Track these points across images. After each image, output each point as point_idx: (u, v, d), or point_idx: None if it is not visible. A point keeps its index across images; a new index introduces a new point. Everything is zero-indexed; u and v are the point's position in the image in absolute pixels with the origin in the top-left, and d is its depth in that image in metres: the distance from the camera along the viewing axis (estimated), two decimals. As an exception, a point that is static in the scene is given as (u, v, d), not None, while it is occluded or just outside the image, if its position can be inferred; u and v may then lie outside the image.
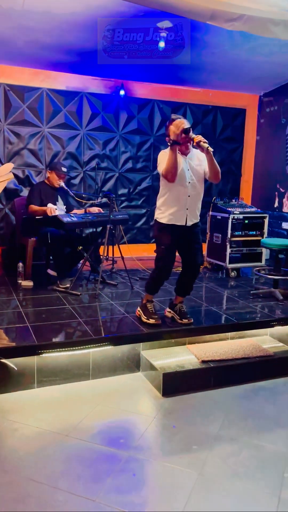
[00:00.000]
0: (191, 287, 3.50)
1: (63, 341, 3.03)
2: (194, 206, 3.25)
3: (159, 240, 3.27)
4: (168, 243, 3.22)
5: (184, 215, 3.20)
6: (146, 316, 3.37)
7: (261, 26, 3.25)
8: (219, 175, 3.21)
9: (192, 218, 3.25)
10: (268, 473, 2.19)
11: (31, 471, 2.14)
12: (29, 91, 5.34)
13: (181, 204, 3.18)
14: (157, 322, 3.33)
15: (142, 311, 3.43)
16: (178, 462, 2.25)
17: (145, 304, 3.43)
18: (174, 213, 3.18)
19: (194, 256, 3.34)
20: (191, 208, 3.22)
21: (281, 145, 6.17)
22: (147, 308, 3.41)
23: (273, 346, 3.50)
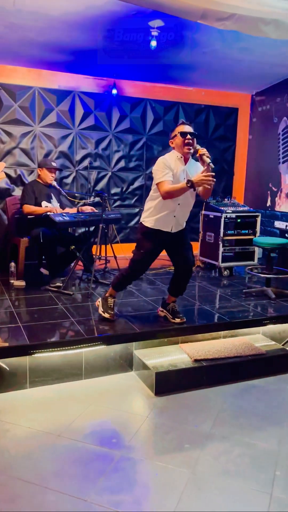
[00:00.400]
0: (184, 288, 3.50)
1: (55, 341, 3.03)
2: (182, 215, 3.23)
3: (140, 244, 3.25)
4: (149, 250, 3.22)
5: (171, 222, 3.18)
6: (103, 309, 3.42)
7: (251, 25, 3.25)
8: (210, 192, 3.16)
9: (178, 226, 3.24)
10: (260, 471, 2.20)
11: (22, 471, 2.13)
12: (21, 90, 5.32)
13: (170, 211, 3.14)
14: (111, 317, 3.38)
15: (101, 303, 3.46)
16: (171, 461, 2.25)
17: (106, 297, 3.46)
18: (161, 219, 3.15)
19: (185, 257, 3.32)
20: (179, 216, 3.20)
21: (273, 144, 6.19)
22: (107, 301, 3.44)
23: (265, 344, 3.51)
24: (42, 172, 4.53)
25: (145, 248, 3.22)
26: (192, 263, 3.39)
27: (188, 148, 3.07)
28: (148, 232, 3.20)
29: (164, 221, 3.17)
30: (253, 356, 3.25)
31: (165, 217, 3.15)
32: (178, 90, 6.18)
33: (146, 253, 3.23)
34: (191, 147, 3.07)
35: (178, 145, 3.09)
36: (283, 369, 3.34)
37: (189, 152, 3.10)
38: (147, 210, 3.23)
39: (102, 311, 3.42)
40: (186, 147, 3.06)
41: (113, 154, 5.95)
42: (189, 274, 3.40)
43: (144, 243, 3.22)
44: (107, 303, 3.43)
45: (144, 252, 3.23)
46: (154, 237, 3.20)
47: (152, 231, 3.18)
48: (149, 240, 3.21)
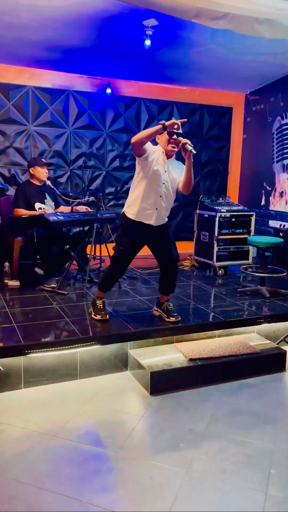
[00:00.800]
0: (173, 284, 3.49)
1: (50, 341, 3.01)
2: (164, 208, 3.23)
3: (120, 241, 3.26)
4: (128, 247, 3.23)
5: (153, 214, 3.18)
6: (94, 312, 3.44)
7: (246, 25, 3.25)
8: (191, 185, 3.20)
9: (160, 219, 3.24)
10: (255, 469, 2.20)
11: (17, 472, 2.12)
12: (14, 89, 5.29)
13: (152, 203, 3.16)
14: (104, 317, 3.39)
15: (92, 307, 3.49)
16: (166, 461, 2.25)
17: (94, 301, 3.49)
18: (143, 211, 3.16)
19: (168, 253, 3.32)
20: (161, 209, 3.20)
21: (268, 143, 6.21)
22: (96, 304, 3.46)
23: (260, 343, 3.52)
24: (35, 170, 4.49)
25: (125, 245, 3.23)
26: (176, 259, 3.37)
27: (173, 146, 3.11)
28: (129, 227, 3.20)
29: (146, 213, 3.17)
30: (248, 355, 3.26)
31: (147, 209, 3.16)
32: (173, 90, 6.18)
33: (126, 249, 3.24)
34: (175, 146, 3.11)
35: (163, 142, 3.12)
36: (278, 368, 3.35)
37: (173, 150, 3.13)
38: (129, 201, 3.23)
39: (94, 314, 3.43)
40: (170, 145, 3.10)
41: (107, 153, 5.94)
42: (174, 270, 3.40)
43: (124, 240, 3.23)
44: (96, 306, 3.45)
45: (123, 250, 3.24)
46: (134, 231, 3.21)
47: (134, 223, 3.18)
48: (129, 236, 3.22)
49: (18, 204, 4.36)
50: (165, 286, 3.48)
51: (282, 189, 5.97)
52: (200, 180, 6.56)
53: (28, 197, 4.41)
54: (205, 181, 6.61)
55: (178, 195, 3.35)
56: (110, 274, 3.38)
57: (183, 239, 6.41)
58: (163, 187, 3.16)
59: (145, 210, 3.16)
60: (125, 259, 3.30)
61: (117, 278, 3.51)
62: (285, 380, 3.24)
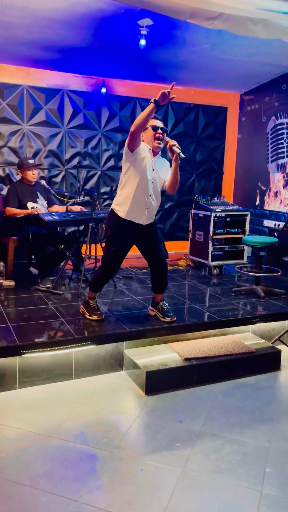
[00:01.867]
0: (165, 282, 3.50)
1: (45, 341, 3.01)
2: (153, 207, 3.24)
3: (111, 242, 3.24)
4: (119, 247, 3.22)
5: (143, 213, 3.19)
6: (89, 313, 3.42)
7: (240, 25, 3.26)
8: (177, 186, 3.22)
9: (149, 219, 3.25)
10: (250, 468, 2.21)
11: (12, 472, 2.12)
12: (8, 88, 5.27)
13: (142, 202, 3.16)
14: (100, 317, 3.39)
15: (85, 308, 3.47)
16: (161, 460, 2.25)
17: (87, 301, 3.47)
18: (133, 210, 3.15)
19: (158, 252, 3.33)
20: (150, 208, 3.21)
21: (262, 143, 6.23)
22: (89, 305, 3.45)
23: (255, 342, 3.53)
24: (24, 173, 4.48)
25: (116, 246, 3.22)
26: (165, 257, 3.39)
27: (158, 142, 3.11)
28: (119, 226, 3.19)
29: (136, 213, 3.17)
30: (243, 354, 3.27)
31: (138, 209, 3.16)
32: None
33: (117, 250, 3.23)
34: (161, 141, 3.11)
35: (149, 138, 3.12)
36: (273, 367, 3.36)
37: (159, 146, 3.13)
38: (119, 199, 3.21)
39: (89, 315, 3.42)
40: (156, 141, 3.10)
41: (102, 153, 5.94)
42: (164, 267, 3.41)
43: (115, 241, 3.22)
44: (90, 306, 3.44)
45: (114, 251, 3.23)
46: (124, 231, 3.21)
47: (124, 223, 3.17)
48: (119, 236, 3.21)
49: (9, 203, 4.35)
50: (157, 284, 3.49)
51: (276, 188, 5.99)
52: (195, 179, 6.57)
53: (20, 197, 4.39)
54: (200, 180, 6.62)
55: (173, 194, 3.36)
56: (102, 275, 3.37)
57: (178, 239, 6.43)
58: (151, 186, 3.16)
59: (135, 210, 3.16)
60: (116, 259, 3.28)
61: (109, 278, 3.51)
62: (280, 379, 3.25)
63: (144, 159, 3.09)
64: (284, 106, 5.79)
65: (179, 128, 6.26)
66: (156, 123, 3.11)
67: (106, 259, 3.29)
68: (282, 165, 5.86)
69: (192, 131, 6.42)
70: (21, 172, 4.49)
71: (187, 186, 6.48)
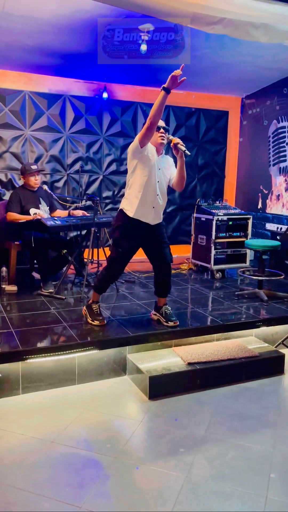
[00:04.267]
0: (169, 286, 3.50)
1: (48, 346, 3.01)
2: (160, 206, 3.26)
3: (118, 242, 3.24)
4: (127, 248, 3.22)
5: (150, 213, 3.20)
6: (91, 318, 3.40)
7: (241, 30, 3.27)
8: (184, 183, 3.25)
9: (156, 218, 3.27)
10: (255, 474, 2.20)
11: (16, 479, 2.11)
12: (11, 94, 5.29)
13: (150, 201, 3.18)
14: (102, 323, 3.37)
15: (88, 312, 3.44)
16: (165, 466, 2.24)
17: (90, 305, 3.45)
18: (141, 209, 3.17)
19: (163, 255, 3.34)
20: (157, 208, 3.24)
21: (264, 146, 6.23)
22: (92, 309, 3.43)
23: (258, 346, 3.52)
24: (26, 178, 4.49)
25: (124, 246, 3.22)
26: (170, 261, 3.40)
27: (162, 138, 3.14)
28: (127, 226, 3.20)
29: (144, 212, 3.18)
30: (246, 359, 3.26)
31: (145, 208, 3.18)
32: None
33: (124, 251, 3.23)
34: (164, 138, 3.15)
35: (152, 138, 3.12)
36: (277, 371, 3.34)
37: (162, 142, 3.16)
38: (127, 199, 3.22)
39: (91, 320, 3.40)
40: (159, 138, 3.13)
41: (104, 157, 5.95)
42: (168, 271, 3.42)
43: (122, 242, 3.22)
44: (93, 310, 3.43)
45: (121, 251, 3.23)
46: (132, 231, 3.21)
47: (132, 222, 3.18)
48: (128, 236, 3.21)
49: (11, 208, 4.35)
50: (161, 288, 3.49)
51: (278, 192, 5.99)
52: (197, 183, 6.57)
53: (23, 203, 4.40)
54: (202, 184, 6.62)
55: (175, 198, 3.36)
56: (107, 276, 3.37)
57: (181, 243, 6.43)
58: (157, 185, 3.18)
59: (143, 209, 3.18)
60: (122, 260, 3.28)
61: (113, 279, 3.50)
62: (284, 383, 3.24)
63: (151, 158, 3.12)
64: (286, 109, 5.79)
65: (180, 132, 6.27)
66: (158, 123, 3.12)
67: (112, 259, 3.28)
68: (284, 168, 5.86)
69: (194, 135, 6.43)
70: (24, 178, 4.51)
71: (189, 190, 6.48)
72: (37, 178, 4.50)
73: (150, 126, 2.93)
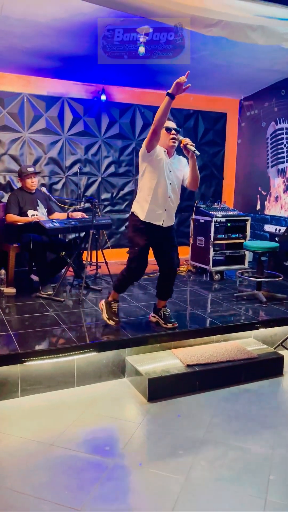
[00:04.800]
0: (171, 290, 3.50)
1: (46, 349, 3.00)
2: (172, 208, 3.27)
3: (133, 241, 3.24)
4: (143, 245, 3.21)
5: (162, 215, 3.21)
6: (107, 315, 3.40)
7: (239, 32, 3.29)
8: (198, 181, 3.25)
9: (169, 220, 3.28)
10: (254, 476, 2.20)
11: (15, 482, 2.10)
12: (9, 97, 5.30)
13: (161, 204, 3.18)
14: (116, 325, 3.36)
15: (106, 308, 3.43)
16: (165, 468, 2.24)
17: (110, 302, 3.43)
18: (153, 211, 3.18)
19: (171, 260, 3.35)
20: (169, 210, 3.24)
21: (262, 148, 6.25)
22: (111, 307, 3.42)
23: (257, 348, 3.52)
24: (23, 181, 4.49)
25: (139, 245, 3.20)
26: (176, 265, 3.42)
27: (173, 141, 3.13)
28: (140, 227, 3.20)
29: (155, 214, 3.19)
30: (245, 360, 3.26)
31: (157, 210, 3.18)
32: (167, 96, 6.20)
33: (140, 249, 3.21)
34: (175, 140, 3.14)
35: (163, 140, 3.13)
36: (276, 373, 3.35)
37: (174, 144, 3.16)
38: (138, 202, 3.23)
39: (107, 318, 3.39)
40: (171, 141, 3.12)
41: (103, 159, 5.95)
42: (173, 275, 3.43)
43: (137, 240, 3.21)
44: (111, 309, 3.41)
45: (138, 249, 3.20)
46: (145, 231, 3.21)
47: (144, 224, 3.19)
48: (141, 234, 3.21)
49: (9, 210, 4.36)
50: (163, 291, 3.49)
51: (277, 193, 6.00)
52: (196, 185, 6.57)
53: (21, 205, 4.40)
54: (201, 186, 6.63)
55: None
56: (127, 276, 3.33)
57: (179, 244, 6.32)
58: (169, 188, 3.18)
59: (155, 211, 3.19)
60: (141, 258, 3.23)
61: (133, 279, 3.42)
62: (283, 385, 3.24)
63: (160, 161, 3.12)
64: (284, 111, 5.81)
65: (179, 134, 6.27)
66: (169, 124, 3.12)
67: (131, 259, 3.26)
68: (282, 170, 5.87)
69: (192, 137, 6.42)
70: (21, 180, 4.51)
71: (187, 191, 6.48)
72: (34, 180, 4.50)
73: (155, 130, 2.95)
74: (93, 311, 3.83)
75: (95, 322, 3.58)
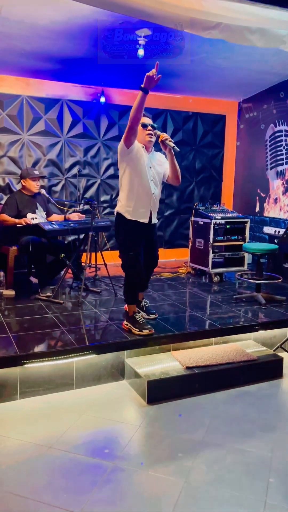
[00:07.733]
0: (148, 279, 3.57)
1: (46, 351, 2.99)
2: (156, 205, 3.29)
3: (126, 247, 3.22)
4: (136, 249, 3.21)
5: (147, 212, 3.21)
6: (138, 329, 3.26)
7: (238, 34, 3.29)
8: (179, 176, 3.27)
9: (154, 217, 3.30)
10: (254, 478, 2.19)
11: (13, 485, 2.09)
12: (8, 99, 5.30)
13: (145, 201, 3.18)
14: (151, 331, 3.26)
15: (132, 324, 3.30)
16: (164, 471, 2.23)
17: (133, 316, 3.32)
18: (137, 209, 3.17)
19: (152, 254, 3.42)
20: (154, 206, 3.25)
21: (261, 150, 6.25)
22: (136, 320, 3.30)
23: (256, 350, 3.51)
24: (27, 182, 4.47)
25: (133, 250, 3.21)
26: (157, 259, 3.51)
27: (150, 137, 3.15)
28: (128, 227, 3.20)
29: (140, 212, 3.19)
30: (244, 362, 3.25)
31: (141, 208, 3.19)
32: (166, 98, 6.21)
33: (135, 254, 3.21)
34: (152, 136, 3.16)
35: (140, 136, 3.14)
36: (275, 375, 3.34)
37: (151, 140, 3.17)
38: (121, 201, 3.22)
39: (138, 331, 3.25)
40: (147, 136, 3.14)
41: (102, 161, 5.96)
42: (152, 269, 3.51)
43: (129, 244, 3.22)
44: (138, 321, 3.29)
45: (133, 255, 3.21)
46: (133, 231, 3.21)
47: (131, 223, 3.18)
48: (132, 237, 3.21)
49: (4, 211, 4.34)
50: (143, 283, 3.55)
51: (276, 195, 6.00)
52: (195, 187, 6.58)
53: (19, 207, 4.39)
54: (200, 188, 6.63)
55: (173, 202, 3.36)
56: (132, 284, 3.31)
57: (178, 246, 6.44)
58: (152, 185, 3.19)
59: (139, 209, 3.18)
60: (136, 263, 3.22)
61: (136, 285, 3.35)
62: (283, 387, 3.23)
63: (140, 158, 3.12)
64: (283, 113, 5.82)
65: (178, 136, 6.28)
66: (145, 121, 3.15)
67: (128, 266, 3.24)
68: (281, 172, 5.87)
69: (191, 139, 6.44)
70: (25, 182, 4.48)
71: (186, 193, 6.49)
72: (38, 184, 4.51)
73: (131, 126, 2.96)
74: (92, 313, 3.82)
75: (94, 324, 3.58)
